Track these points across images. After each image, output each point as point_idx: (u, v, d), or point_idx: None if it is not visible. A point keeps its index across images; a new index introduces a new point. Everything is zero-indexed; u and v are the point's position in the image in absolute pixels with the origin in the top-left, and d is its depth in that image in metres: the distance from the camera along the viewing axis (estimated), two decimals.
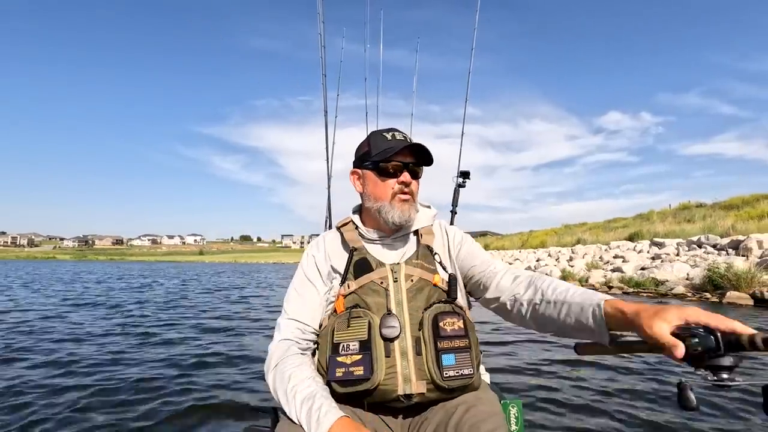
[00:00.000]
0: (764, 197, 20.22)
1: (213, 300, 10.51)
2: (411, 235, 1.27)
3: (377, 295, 1.11)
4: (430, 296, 1.12)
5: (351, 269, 1.16)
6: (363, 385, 1.03)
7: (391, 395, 1.04)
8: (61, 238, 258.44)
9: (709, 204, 23.57)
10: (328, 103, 2.80)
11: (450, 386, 1.05)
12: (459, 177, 2.77)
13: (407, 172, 1.18)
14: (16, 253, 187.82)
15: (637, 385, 3.24)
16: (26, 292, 11.74)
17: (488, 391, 1.17)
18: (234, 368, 3.88)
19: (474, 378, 1.09)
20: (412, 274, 1.14)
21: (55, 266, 40.59)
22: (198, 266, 60.78)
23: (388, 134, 1.22)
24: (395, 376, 1.04)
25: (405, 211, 1.18)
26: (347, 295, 1.13)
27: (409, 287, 1.12)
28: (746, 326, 0.71)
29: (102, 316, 7.30)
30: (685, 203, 25.99)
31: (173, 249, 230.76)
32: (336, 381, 1.05)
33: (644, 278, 10.71)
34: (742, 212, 18.35)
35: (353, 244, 1.21)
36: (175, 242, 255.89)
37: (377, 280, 1.13)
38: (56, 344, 4.82)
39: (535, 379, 3.44)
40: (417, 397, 1.05)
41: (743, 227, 14.54)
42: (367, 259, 1.17)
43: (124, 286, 15.30)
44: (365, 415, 1.09)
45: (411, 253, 1.21)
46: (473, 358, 1.08)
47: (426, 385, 1.05)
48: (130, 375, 3.59)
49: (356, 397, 1.06)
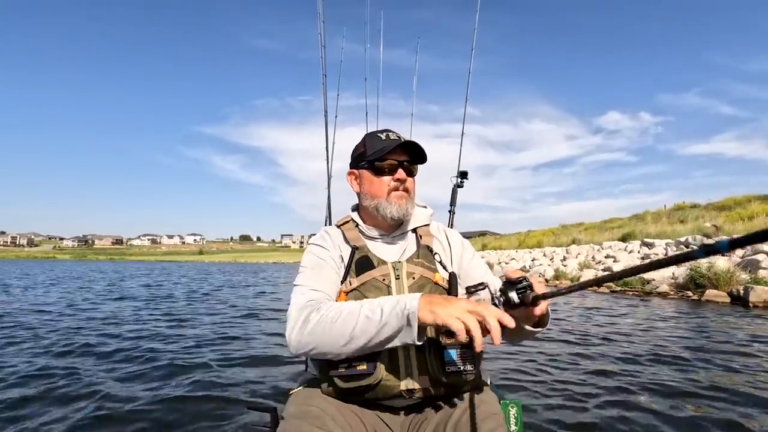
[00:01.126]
0: (756, 198, 20.68)
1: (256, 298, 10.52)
2: (410, 234, 1.29)
3: (379, 292, 1.12)
4: (432, 293, 1.12)
5: (353, 267, 1.18)
6: (366, 380, 1.03)
7: (393, 391, 1.05)
8: (61, 238, 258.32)
9: (704, 205, 24.03)
10: (328, 103, 2.80)
11: (452, 382, 1.06)
12: (457, 177, 2.78)
13: (402, 170, 1.22)
14: (16, 253, 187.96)
15: (638, 385, 3.24)
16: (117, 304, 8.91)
17: (488, 392, 1.17)
18: (236, 367, 3.82)
19: (475, 375, 1.10)
20: (413, 272, 1.16)
21: (87, 268, 39.19)
22: (208, 266, 59.84)
23: (383, 135, 1.25)
24: (397, 372, 1.05)
25: (402, 206, 1.22)
26: (349, 292, 1.14)
27: (411, 285, 1.14)
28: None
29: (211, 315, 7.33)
30: (679, 204, 26.40)
31: (173, 249, 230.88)
32: (338, 376, 1.05)
33: (631, 278, 11.16)
34: (733, 213, 18.84)
35: (354, 242, 1.23)
36: (175, 242, 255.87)
37: (379, 277, 1.15)
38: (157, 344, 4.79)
39: (534, 379, 3.43)
40: (419, 392, 1.06)
41: (731, 228, 15.01)
42: (369, 257, 1.19)
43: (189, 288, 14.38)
44: (366, 413, 1.09)
45: (412, 252, 1.23)
46: (474, 355, 1.09)
47: (428, 380, 1.06)
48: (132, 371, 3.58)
49: (358, 393, 1.06)
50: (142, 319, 6.72)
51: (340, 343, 0.98)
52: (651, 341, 4.86)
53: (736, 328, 5.64)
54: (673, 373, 3.58)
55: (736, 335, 5.15)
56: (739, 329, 5.57)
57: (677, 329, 5.65)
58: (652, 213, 25.75)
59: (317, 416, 1.00)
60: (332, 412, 1.03)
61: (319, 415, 1.01)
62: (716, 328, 5.65)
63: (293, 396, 1.13)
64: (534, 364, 3.85)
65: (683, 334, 5.27)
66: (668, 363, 3.89)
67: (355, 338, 0.96)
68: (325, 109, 2.81)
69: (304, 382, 1.18)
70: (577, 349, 4.51)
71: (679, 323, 6.15)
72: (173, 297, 10.62)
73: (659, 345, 4.65)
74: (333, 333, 0.98)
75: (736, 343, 4.72)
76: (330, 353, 1.01)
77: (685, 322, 6.29)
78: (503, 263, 21.80)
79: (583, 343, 4.84)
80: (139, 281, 17.82)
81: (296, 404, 1.07)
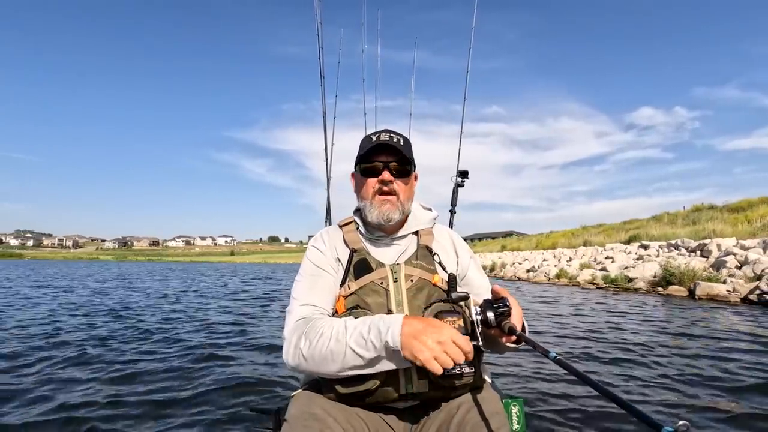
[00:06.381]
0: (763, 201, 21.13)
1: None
2: (411, 236, 1.28)
3: (377, 296, 1.12)
4: (430, 295, 1.13)
5: (351, 270, 1.17)
6: (365, 385, 1.03)
7: (393, 394, 1.05)
8: (103, 240, 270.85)
9: (720, 206, 24.52)
10: (328, 104, 2.78)
11: (451, 384, 1.06)
12: (458, 177, 2.77)
13: (387, 171, 1.20)
14: (63, 254, 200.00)
15: (638, 385, 3.29)
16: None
17: (490, 391, 1.16)
18: (239, 366, 3.91)
19: (475, 376, 1.09)
20: (411, 274, 1.15)
21: (160, 267, 39.52)
22: (248, 266, 60.67)
23: (374, 135, 1.24)
24: (397, 375, 1.04)
25: (384, 212, 1.20)
26: (348, 296, 1.14)
27: (409, 287, 1.13)
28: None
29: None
30: (698, 205, 26.65)
31: (206, 250, 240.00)
32: (338, 381, 1.05)
33: (618, 276, 12.56)
34: (740, 215, 19.52)
35: (353, 245, 1.23)
36: (207, 243, 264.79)
37: (377, 280, 1.14)
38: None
39: (536, 377, 3.45)
40: (419, 395, 1.06)
41: (731, 230, 15.89)
42: (367, 260, 1.18)
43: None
44: (368, 414, 1.10)
45: (411, 254, 1.22)
46: (474, 357, 1.02)
47: (427, 384, 1.05)
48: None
49: (359, 397, 1.06)
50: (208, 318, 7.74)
51: (332, 370, 1.01)
52: (647, 337, 5.20)
53: (699, 319, 6.74)
54: (662, 367, 3.78)
55: (712, 326, 5.96)
56: (695, 318, 6.88)
57: (668, 323, 6.54)
58: (669, 214, 26.34)
59: (319, 418, 1.01)
60: (334, 413, 1.04)
61: (321, 417, 1.02)
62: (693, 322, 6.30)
63: (295, 398, 1.13)
64: (536, 362, 3.86)
65: (677, 330, 5.84)
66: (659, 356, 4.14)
67: (345, 369, 1.00)
68: (323, 109, 2.79)
69: (306, 384, 1.18)
70: (576, 344, 4.77)
71: (671, 319, 7.02)
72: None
73: (656, 342, 4.93)
74: (324, 364, 1.01)
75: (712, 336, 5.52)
76: (326, 375, 1.05)
77: (678, 317, 7.12)
78: (516, 263, 23.03)
79: (582, 338, 5.11)
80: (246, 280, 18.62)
81: (298, 406, 1.07)
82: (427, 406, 1.12)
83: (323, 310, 1.15)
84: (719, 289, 9.00)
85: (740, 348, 4.54)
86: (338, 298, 1.16)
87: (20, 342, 4.90)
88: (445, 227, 1.39)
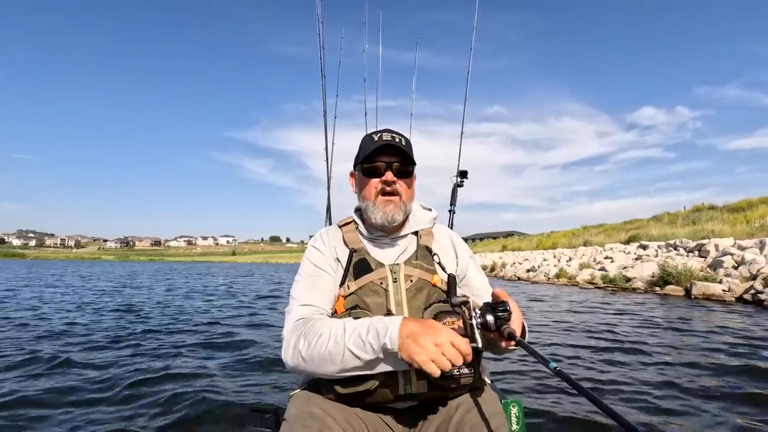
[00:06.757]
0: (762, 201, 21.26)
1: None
2: (411, 236, 1.28)
3: (377, 296, 1.12)
4: (430, 296, 1.13)
5: (351, 270, 1.17)
6: (364, 385, 1.03)
7: (392, 395, 1.05)
8: (105, 240, 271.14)
9: (720, 206, 24.65)
10: (328, 104, 2.79)
11: (450, 385, 1.05)
12: (457, 177, 2.78)
13: (390, 172, 1.20)
14: (66, 254, 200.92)
15: (639, 384, 3.32)
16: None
17: (489, 391, 1.17)
18: (236, 370, 3.88)
19: (474, 377, 1.09)
20: (411, 274, 1.15)
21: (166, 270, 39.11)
22: (252, 266, 60.50)
23: (376, 135, 1.24)
24: (396, 376, 1.04)
25: (388, 212, 1.20)
26: (347, 296, 1.14)
27: (409, 287, 1.13)
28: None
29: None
30: (698, 206, 26.77)
31: (207, 249, 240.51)
32: (337, 381, 1.05)
33: (617, 276, 12.71)
34: (739, 215, 19.65)
35: (353, 245, 1.23)
36: (209, 243, 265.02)
37: (377, 280, 1.14)
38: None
39: (535, 378, 3.46)
40: (418, 396, 1.06)
41: (730, 231, 16.02)
42: (367, 260, 1.18)
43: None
44: (367, 414, 1.10)
45: (410, 254, 1.22)
46: (473, 358, 1.01)
47: (426, 384, 1.05)
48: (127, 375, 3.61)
49: (358, 397, 1.06)
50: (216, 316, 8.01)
51: (331, 371, 1.01)
52: (647, 337, 5.23)
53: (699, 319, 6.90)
54: (665, 367, 3.82)
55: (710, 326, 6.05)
56: (695, 317, 7.06)
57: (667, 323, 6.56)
58: (670, 214, 26.45)
59: (318, 418, 1.02)
60: (333, 413, 1.04)
61: (320, 416, 1.02)
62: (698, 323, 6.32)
63: (294, 398, 1.14)
64: (535, 363, 3.80)
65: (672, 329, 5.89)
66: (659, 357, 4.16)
67: (344, 370, 1.00)
68: (324, 109, 2.79)
69: (305, 384, 1.18)
70: (576, 345, 4.78)
71: (670, 318, 7.05)
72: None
73: (649, 339, 5.02)
74: (323, 365, 1.01)
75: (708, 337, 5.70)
76: (324, 376, 1.05)
77: (677, 317, 7.07)
78: (516, 263, 23.19)
79: (581, 339, 5.15)
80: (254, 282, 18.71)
81: (297, 406, 1.08)
82: (426, 407, 1.12)
83: (322, 310, 1.15)
84: (715, 289, 9.16)
85: (728, 342, 4.74)
86: (337, 298, 1.16)
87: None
88: (444, 227, 1.40)
